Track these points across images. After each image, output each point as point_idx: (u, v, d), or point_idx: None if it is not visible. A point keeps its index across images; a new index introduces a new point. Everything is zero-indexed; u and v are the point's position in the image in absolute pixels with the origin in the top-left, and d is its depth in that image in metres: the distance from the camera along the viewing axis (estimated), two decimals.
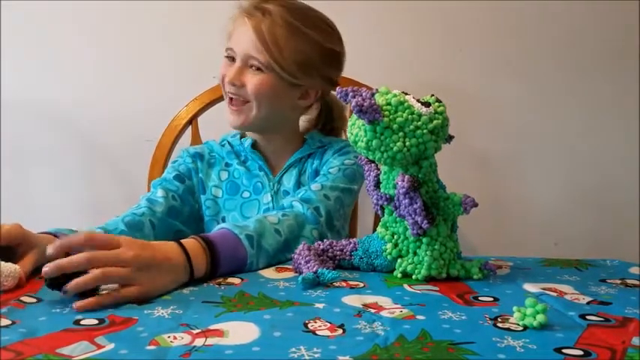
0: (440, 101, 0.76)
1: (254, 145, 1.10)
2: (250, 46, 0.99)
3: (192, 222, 1.09)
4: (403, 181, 0.73)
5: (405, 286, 0.73)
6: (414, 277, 0.76)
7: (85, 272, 0.62)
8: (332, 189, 1.00)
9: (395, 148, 0.72)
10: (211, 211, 1.09)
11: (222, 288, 0.70)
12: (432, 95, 0.77)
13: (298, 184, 1.08)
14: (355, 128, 0.75)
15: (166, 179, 1.08)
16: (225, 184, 1.10)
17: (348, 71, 1.16)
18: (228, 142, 1.14)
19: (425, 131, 0.72)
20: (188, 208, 1.08)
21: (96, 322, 0.56)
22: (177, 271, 0.70)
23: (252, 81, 1.00)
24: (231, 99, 1.03)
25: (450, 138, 0.77)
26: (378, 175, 0.79)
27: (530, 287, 0.73)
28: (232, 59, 1.02)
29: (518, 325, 0.58)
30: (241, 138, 1.13)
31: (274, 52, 0.98)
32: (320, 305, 0.63)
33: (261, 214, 0.90)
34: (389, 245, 0.79)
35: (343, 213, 1.04)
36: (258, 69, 1.00)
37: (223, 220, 1.08)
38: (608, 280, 0.78)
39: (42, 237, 0.78)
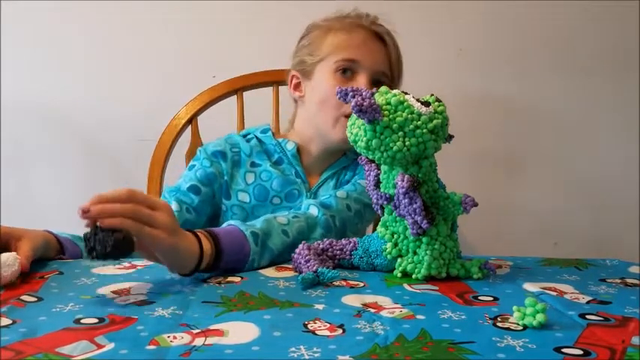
0: (440, 101, 0.76)
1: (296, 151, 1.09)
2: (383, 65, 1.07)
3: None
4: (403, 180, 0.73)
5: (405, 285, 0.73)
6: (413, 276, 0.76)
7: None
8: (356, 201, 0.99)
9: (395, 148, 0.72)
10: (238, 218, 1.05)
11: (223, 287, 0.70)
12: (432, 95, 0.77)
13: None
14: (355, 128, 0.75)
15: (180, 190, 1.04)
16: (252, 189, 1.06)
17: None
18: (257, 138, 1.10)
19: (425, 131, 0.72)
20: (204, 218, 1.05)
21: (96, 321, 0.56)
22: (192, 249, 0.70)
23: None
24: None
25: (450, 137, 0.77)
26: (378, 174, 0.79)
27: (530, 287, 0.73)
28: (348, 71, 1.04)
29: (518, 324, 0.58)
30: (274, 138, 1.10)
31: (397, 77, 1.10)
32: (320, 306, 0.63)
33: (271, 214, 0.88)
34: (389, 245, 0.78)
35: (361, 227, 1.03)
36: (379, 83, 1.03)
37: None
38: (608, 280, 0.78)
39: (28, 229, 0.77)
